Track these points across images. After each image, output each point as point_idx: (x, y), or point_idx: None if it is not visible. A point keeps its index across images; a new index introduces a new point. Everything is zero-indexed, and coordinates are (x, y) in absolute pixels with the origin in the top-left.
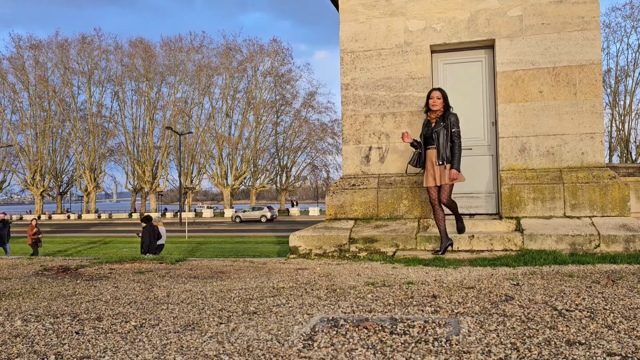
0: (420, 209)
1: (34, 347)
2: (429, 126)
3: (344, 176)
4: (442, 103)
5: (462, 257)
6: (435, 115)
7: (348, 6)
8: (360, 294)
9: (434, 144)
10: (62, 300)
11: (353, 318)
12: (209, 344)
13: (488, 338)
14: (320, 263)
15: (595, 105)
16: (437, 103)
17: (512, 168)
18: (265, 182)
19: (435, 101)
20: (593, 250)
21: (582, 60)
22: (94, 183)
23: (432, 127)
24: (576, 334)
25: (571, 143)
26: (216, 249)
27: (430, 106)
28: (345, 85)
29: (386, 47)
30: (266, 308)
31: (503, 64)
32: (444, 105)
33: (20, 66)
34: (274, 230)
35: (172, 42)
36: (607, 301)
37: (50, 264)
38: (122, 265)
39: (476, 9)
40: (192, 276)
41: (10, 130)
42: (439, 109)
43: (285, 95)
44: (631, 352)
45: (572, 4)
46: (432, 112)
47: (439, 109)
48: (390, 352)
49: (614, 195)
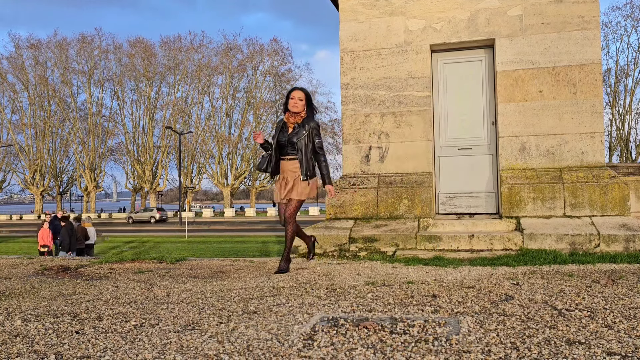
0: (420, 208)
1: (33, 346)
2: (285, 131)
3: (344, 176)
4: (304, 106)
5: (462, 256)
6: (295, 120)
7: (348, 6)
8: (360, 293)
9: (293, 155)
10: (62, 299)
11: (353, 317)
12: (209, 343)
13: (488, 337)
14: (320, 262)
15: (595, 105)
16: (299, 105)
17: (512, 167)
18: (265, 182)
19: (296, 102)
20: (593, 249)
21: (582, 59)
22: (94, 183)
23: (291, 133)
24: (576, 334)
25: (571, 143)
26: (216, 249)
27: (290, 107)
28: (345, 84)
29: (386, 47)
30: (266, 307)
31: (503, 63)
32: (307, 110)
33: (20, 66)
34: (274, 230)
35: (172, 42)
36: (607, 301)
37: (50, 264)
38: (122, 265)
39: (476, 9)
40: (192, 276)
41: (10, 130)
42: (300, 112)
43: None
44: (631, 351)
45: (572, 3)
46: (291, 115)
47: (300, 113)
48: (390, 352)
49: (613, 195)
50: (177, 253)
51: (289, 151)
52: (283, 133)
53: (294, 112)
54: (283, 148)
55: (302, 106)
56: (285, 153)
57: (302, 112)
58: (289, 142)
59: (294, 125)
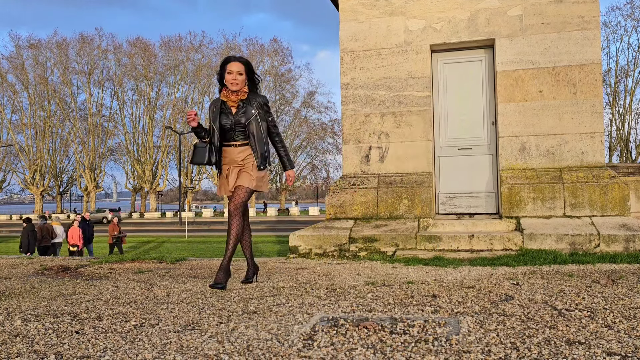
0: (420, 208)
1: (33, 346)
2: (227, 112)
3: (343, 176)
4: (245, 80)
5: (462, 256)
6: (238, 97)
7: (348, 6)
8: (360, 293)
9: (242, 140)
10: (62, 299)
11: (353, 318)
12: (208, 343)
13: (488, 337)
14: (320, 262)
15: (595, 105)
16: (239, 81)
17: (512, 167)
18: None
19: (235, 78)
20: (593, 249)
21: (582, 59)
22: (94, 182)
23: (237, 114)
24: (576, 334)
25: (571, 143)
26: (216, 249)
27: (228, 84)
28: (345, 84)
29: (386, 47)
30: (266, 307)
31: (503, 63)
32: (249, 84)
33: (20, 66)
34: (274, 230)
35: (172, 42)
36: (607, 301)
37: (50, 264)
38: (122, 265)
39: (476, 9)
40: (192, 276)
41: (10, 130)
42: (242, 88)
43: (285, 95)
44: (631, 351)
45: (572, 3)
46: (232, 93)
47: (241, 89)
48: (390, 352)
49: (613, 195)
50: (177, 253)
51: (236, 136)
52: (226, 115)
53: (234, 90)
54: (228, 133)
55: (242, 81)
56: (231, 139)
57: (243, 88)
58: (237, 125)
59: (238, 104)
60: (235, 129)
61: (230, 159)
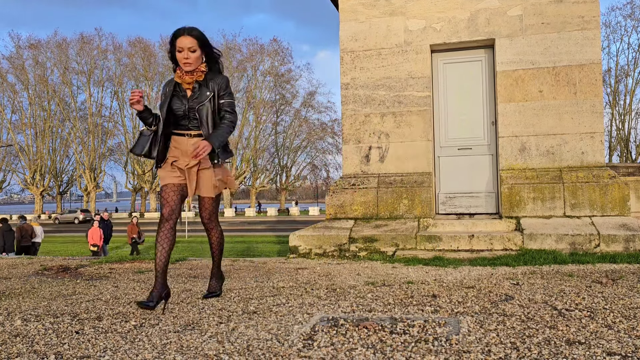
0: (420, 208)
1: (33, 346)
2: (181, 95)
3: (343, 176)
4: (200, 57)
5: (462, 256)
6: (193, 78)
7: (348, 6)
8: (360, 293)
9: (197, 130)
10: (62, 299)
11: (353, 318)
12: (208, 343)
13: (488, 337)
14: (320, 262)
15: (595, 105)
16: (192, 59)
17: (512, 168)
18: (265, 182)
19: (187, 56)
20: (593, 249)
21: (582, 59)
22: (94, 183)
23: (192, 98)
24: (576, 334)
25: (571, 143)
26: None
27: (181, 63)
28: (345, 84)
29: (386, 47)
30: (266, 307)
31: (503, 63)
32: (207, 61)
33: (20, 66)
34: (274, 230)
35: None
36: (607, 301)
37: (50, 264)
38: (122, 265)
39: (476, 9)
40: (192, 276)
41: (10, 130)
42: (197, 67)
43: (285, 95)
44: (631, 351)
45: (572, 3)
46: (186, 73)
47: (197, 68)
48: (390, 352)
49: (613, 195)
50: (177, 253)
51: (191, 125)
52: (179, 99)
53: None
54: (181, 120)
55: (196, 59)
56: (184, 127)
57: (200, 66)
58: (191, 110)
59: (194, 87)
60: (190, 115)
61: (182, 150)
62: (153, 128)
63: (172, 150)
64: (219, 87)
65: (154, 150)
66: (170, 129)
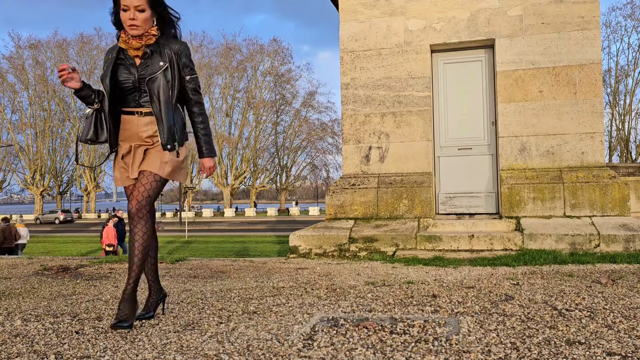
0: (420, 208)
1: (33, 346)
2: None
3: (343, 176)
4: (151, 18)
5: (462, 256)
6: (142, 43)
7: (348, 6)
8: (360, 293)
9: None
10: (62, 299)
11: (353, 317)
12: (208, 343)
13: (488, 338)
14: (320, 262)
15: (595, 105)
16: (140, 20)
17: (512, 168)
18: (265, 182)
19: (134, 16)
20: (593, 249)
21: (582, 59)
22: (94, 183)
23: (141, 67)
24: (576, 334)
25: (571, 143)
26: (216, 249)
27: (126, 26)
28: (345, 84)
29: (386, 47)
30: (266, 307)
31: (503, 63)
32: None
33: (20, 66)
34: (274, 230)
35: None
36: (607, 301)
37: (50, 264)
38: (122, 265)
39: (476, 9)
40: (192, 276)
41: (10, 130)
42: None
43: (285, 95)
44: (631, 351)
45: (572, 3)
46: (133, 38)
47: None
48: (390, 352)
49: (613, 195)
50: (177, 253)
51: (142, 100)
52: (126, 68)
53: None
54: (129, 95)
55: (145, 21)
56: (134, 104)
57: (150, 29)
58: (141, 82)
59: (144, 53)
60: (141, 88)
61: (131, 132)
62: (96, 106)
63: (122, 133)
64: (177, 57)
65: (101, 133)
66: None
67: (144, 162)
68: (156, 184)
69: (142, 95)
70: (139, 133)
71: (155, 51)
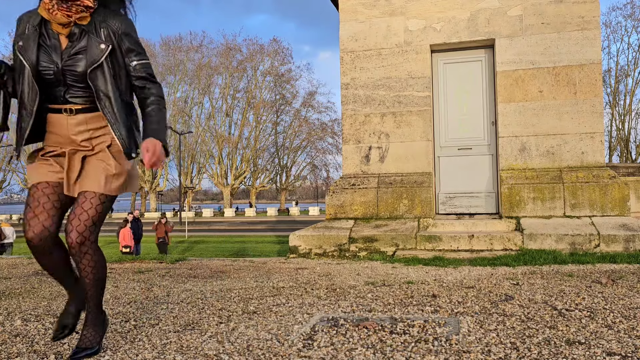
0: (420, 208)
1: (33, 346)
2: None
3: (343, 176)
4: None
5: (462, 256)
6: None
7: (348, 6)
8: (360, 293)
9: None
10: (62, 299)
11: (353, 317)
12: (208, 343)
13: (488, 337)
14: (320, 262)
15: (595, 105)
16: None
17: (512, 168)
18: (265, 182)
19: None
20: (593, 249)
21: (582, 59)
22: None
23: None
24: (576, 334)
25: (571, 143)
26: (216, 249)
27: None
28: (345, 84)
29: (386, 47)
30: (266, 307)
31: (503, 63)
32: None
33: None
34: (274, 230)
35: (172, 42)
36: (606, 301)
37: None
38: (122, 265)
39: (476, 9)
40: (192, 276)
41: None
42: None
43: (285, 95)
44: (631, 351)
45: (572, 3)
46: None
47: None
48: (390, 352)
49: (613, 195)
50: (177, 253)
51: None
52: (46, 50)
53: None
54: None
55: None
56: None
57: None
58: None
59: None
60: (66, 80)
61: (61, 136)
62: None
63: (48, 138)
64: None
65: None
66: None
67: (84, 178)
68: (101, 207)
69: (70, 88)
70: (70, 136)
71: (90, 29)
